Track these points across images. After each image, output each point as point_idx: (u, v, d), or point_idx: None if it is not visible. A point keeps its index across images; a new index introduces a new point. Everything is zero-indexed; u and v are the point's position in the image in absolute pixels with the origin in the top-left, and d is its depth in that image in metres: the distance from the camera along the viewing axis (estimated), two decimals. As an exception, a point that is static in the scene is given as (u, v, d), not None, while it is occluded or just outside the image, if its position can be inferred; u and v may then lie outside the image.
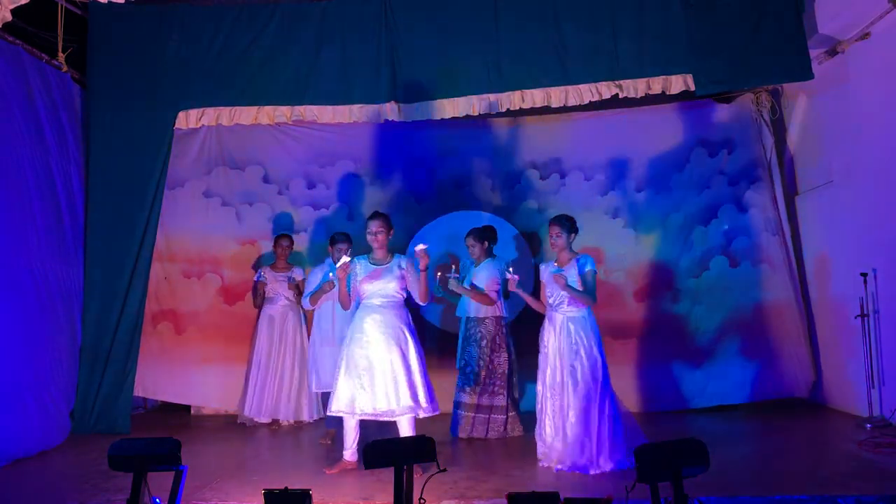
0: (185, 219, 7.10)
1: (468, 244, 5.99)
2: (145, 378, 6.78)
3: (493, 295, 5.83)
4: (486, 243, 6.00)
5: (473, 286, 5.82)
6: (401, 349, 4.70)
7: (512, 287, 5.04)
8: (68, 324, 5.95)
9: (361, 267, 4.83)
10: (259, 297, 6.69)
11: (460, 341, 6.03)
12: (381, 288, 4.77)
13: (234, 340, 6.98)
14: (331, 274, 5.36)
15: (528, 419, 5.47)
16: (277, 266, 6.68)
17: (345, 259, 4.73)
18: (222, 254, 7.18)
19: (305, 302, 5.86)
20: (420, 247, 4.65)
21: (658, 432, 4.97)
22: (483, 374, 5.77)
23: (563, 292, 4.82)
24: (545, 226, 7.10)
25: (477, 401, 5.75)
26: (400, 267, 4.80)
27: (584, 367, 4.76)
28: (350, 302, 4.86)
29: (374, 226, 4.82)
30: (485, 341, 5.81)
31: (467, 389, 5.80)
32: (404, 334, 4.76)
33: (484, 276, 5.85)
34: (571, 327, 4.83)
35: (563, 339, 4.83)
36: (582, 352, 4.79)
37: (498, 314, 5.89)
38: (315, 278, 5.94)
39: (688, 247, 7.11)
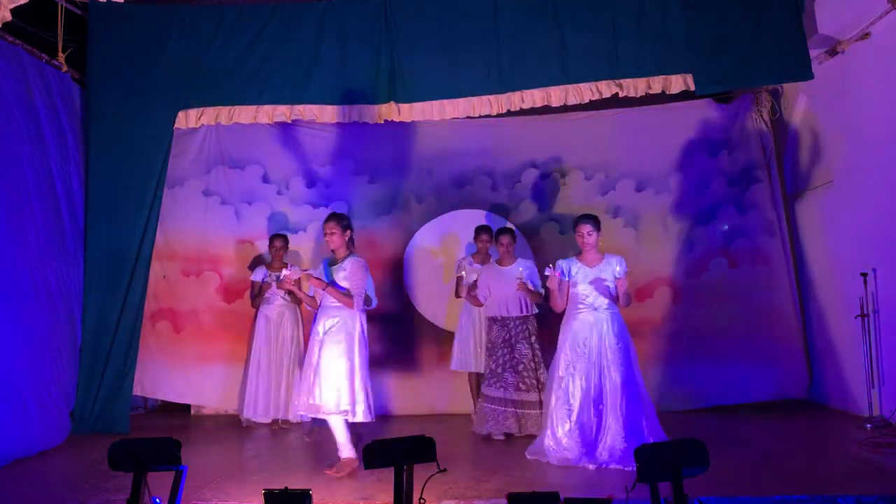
0: (183, 217, 7.10)
1: (504, 242, 5.86)
2: (144, 377, 6.78)
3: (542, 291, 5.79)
4: None
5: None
6: (334, 351, 4.72)
7: (553, 284, 5.04)
8: (68, 324, 5.95)
9: (321, 270, 4.92)
10: (258, 297, 6.68)
11: (496, 341, 5.87)
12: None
13: (233, 339, 6.98)
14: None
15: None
16: (273, 266, 6.67)
17: (285, 272, 4.81)
18: (221, 252, 7.17)
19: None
20: (285, 273, 4.78)
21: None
22: (539, 371, 5.77)
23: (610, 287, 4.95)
24: (545, 225, 7.17)
25: (538, 397, 5.70)
26: (344, 269, 4.85)
27: (634, 365, 4.95)
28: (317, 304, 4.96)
29: (327, 227, 4.89)
30: (533, 337, 5.83)
31: (522, 387, 5.74)
32: (347, 336, 4.75)
33: (529, 273, 5.78)
34: (615, 326, 4.96)
35: (608, 338, 4.91)
36: (629, 349, 4.96)
37: (535, 311, 5.92)
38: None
39: (687, 247, 7.12)
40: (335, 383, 4.66)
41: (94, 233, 6.17)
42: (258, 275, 6.70)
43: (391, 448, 3.36)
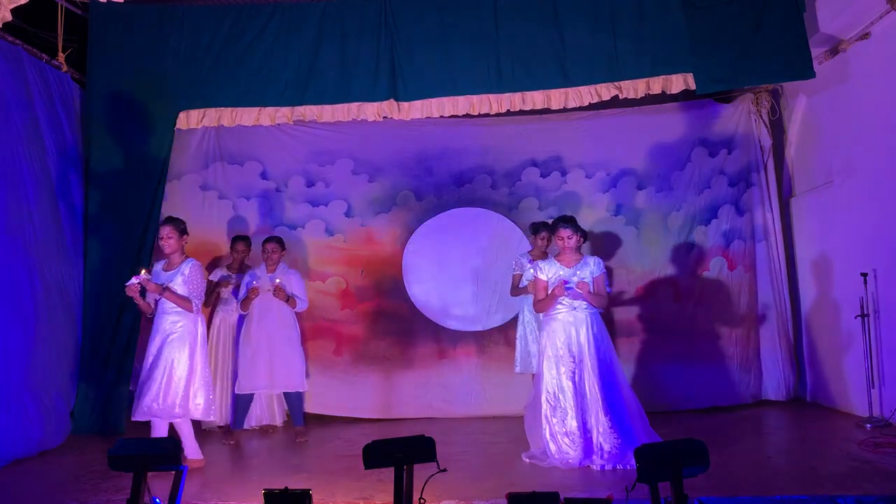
0: (180, 211, 7.03)
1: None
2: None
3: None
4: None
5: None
6: (177, 355, 4.86)
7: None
8: (68, 324, 5.94)
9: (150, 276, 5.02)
10: (210, 297, 6.30)
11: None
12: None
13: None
14: (255, 282, 5.84)
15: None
16: (233, 269, 6.57)
17: (133, 281, 4.87)
18: (219, 247, 7.15)
19: (239, 307, 6.11)
20: (133, 281, 4.82)
21: (658, 432, 4.96)
22: None
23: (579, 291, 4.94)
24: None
25: None
26: (182, 273, 4.92)
27: (615, 364, 4.99)
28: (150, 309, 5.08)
29: (163, 231, 5.01)
30: None
31: None
32: (190, 339, 4.90)
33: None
34: (594, 326, 4.98)
35: (590, 337, 4.93)
36: (610, 348, 5.01)
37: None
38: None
39: (688, 246, 7.12)
40: (179, 386, 4.83)
41: (94, 233, 6.16)
42: (216, 275, 6.56)
43: (391, 448, 3.36)
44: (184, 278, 4.90)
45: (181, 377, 4.84)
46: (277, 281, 5.86)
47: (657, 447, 3.15)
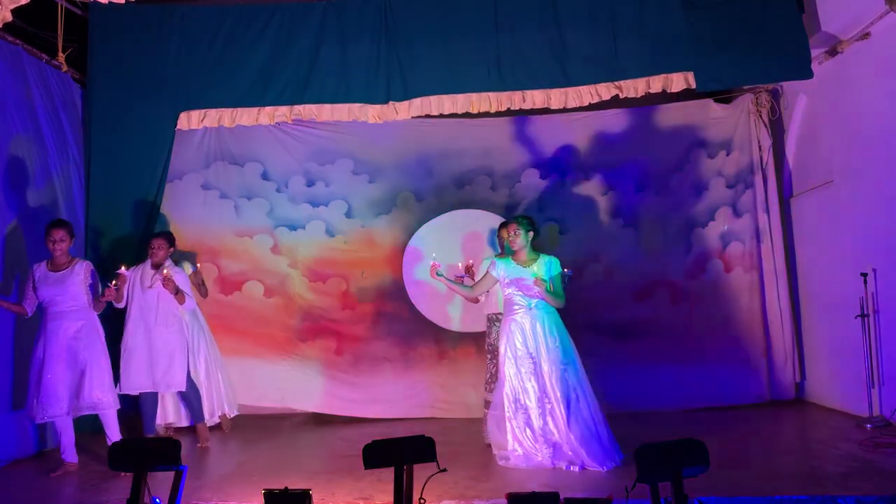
0: (181, 209, 7.07)
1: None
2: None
3: None
4: None
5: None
6: (96, 350, 5.07)
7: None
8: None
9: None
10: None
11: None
12: (62, 292, 5.00)
13: (230, 331, 6.93)
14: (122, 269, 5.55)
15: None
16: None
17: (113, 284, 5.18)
18: (219, 244, 7.14)
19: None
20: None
21: (658, 432, 4.97)
22: None
23: (537, 289, 4.92)
24: (545, 225, 7.14)
25: None
26: (78, 275, 5.05)
27: (575, 362, 4.94)
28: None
29: (56, 235, 5.04)
30: None
31: None
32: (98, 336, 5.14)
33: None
34: (551, 325, 4.95)
35: (544, 337, 4.91)
36: (569, 347, 4.96)
37: None
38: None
39: (686, 248, 7.13)
40: (106, 379, 5.06)
41: (95, 233, 6.16)
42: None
43: (391, 448, 3.36)
44: (80, 279, 5.08)
45: (105, 370, 5.12)
46: (165, 271, 5.46)
47: (657, 447, 3.15)
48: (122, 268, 5.36)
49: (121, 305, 5.62)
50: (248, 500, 4.02)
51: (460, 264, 5.91)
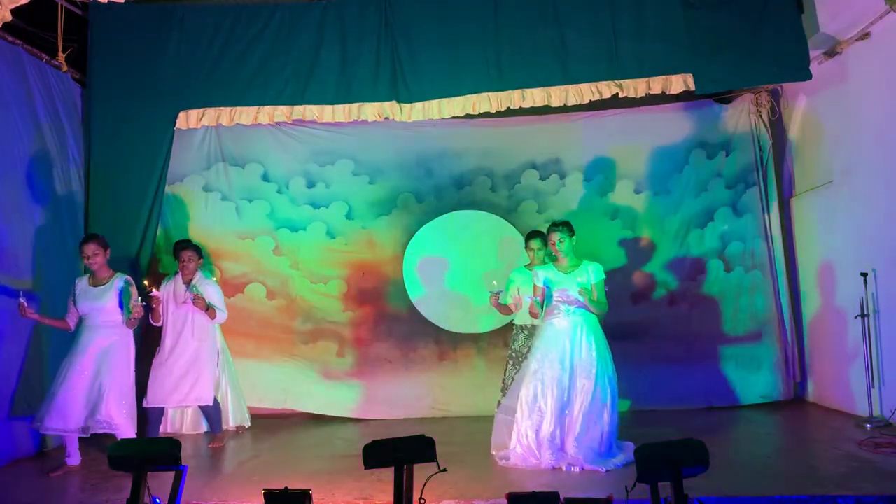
0: (183, 211, 7.08)
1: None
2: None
3: None
4: None
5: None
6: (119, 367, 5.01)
7: (494, 302, 5.45)
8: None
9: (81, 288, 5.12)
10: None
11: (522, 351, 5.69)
12: (98, 308, 5.02)
13: (233, 333, 6.91)
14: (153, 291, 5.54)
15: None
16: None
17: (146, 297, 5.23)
18: (222, 247, 7.14)
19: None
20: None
21: (658, 432, 4.97)
22: None
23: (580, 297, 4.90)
24: (545, 226, 7.13)
25: None
26: (112, 289, 5.05)
27: (608, 374, 4.91)
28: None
29: (88, 250, 5.05)
30: None
31: None
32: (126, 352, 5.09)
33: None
34: (589, 333, 4.93)
35: (580, 345, 4.89)
36: (605, 355, 4.94)
37: None
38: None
39: (685, 249, 7.13)
40: (124, 403, 4.96)
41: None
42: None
43: (391, 448, 3.36)
44: (112, 293, 5.06)
45: (130, 387, 5.11)
46: (196, 291, 5.62)
47: (657, 447, 3.15)
48: (154, 290, 5.32)
49: (158, 324, 5.65)
50: (248, 500, 4.02)
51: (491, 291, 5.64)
